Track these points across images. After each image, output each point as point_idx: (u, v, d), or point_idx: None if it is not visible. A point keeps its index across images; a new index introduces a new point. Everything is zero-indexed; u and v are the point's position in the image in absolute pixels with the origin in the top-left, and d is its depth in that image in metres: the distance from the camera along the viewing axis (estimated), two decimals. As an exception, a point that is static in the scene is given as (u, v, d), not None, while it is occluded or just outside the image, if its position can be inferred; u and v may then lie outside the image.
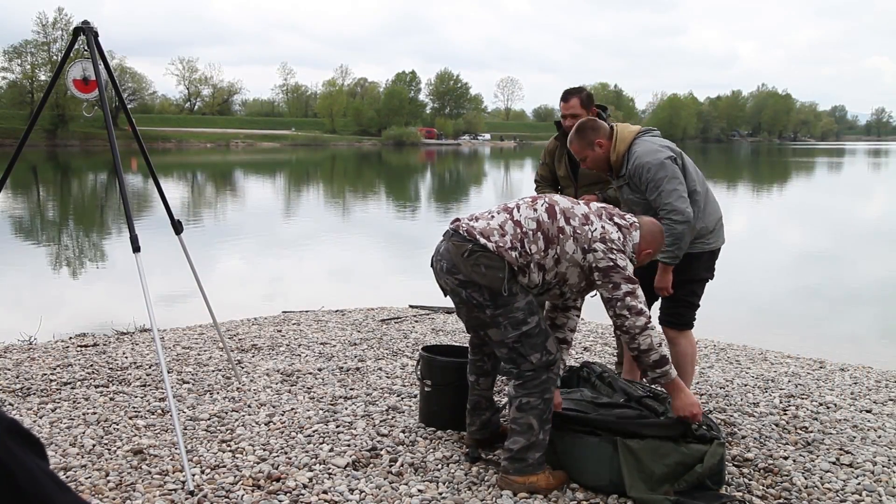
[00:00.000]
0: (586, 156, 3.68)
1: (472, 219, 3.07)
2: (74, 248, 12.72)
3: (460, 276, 2.96)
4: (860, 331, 7.37)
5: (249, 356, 5.09)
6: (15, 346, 5.45)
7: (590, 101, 4.16)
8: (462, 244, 2.96)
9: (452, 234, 3.02)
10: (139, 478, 3.10)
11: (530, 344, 2.98)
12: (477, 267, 2.91)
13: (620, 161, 3.64)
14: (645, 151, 3.56)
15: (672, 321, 3.83)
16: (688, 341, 3.84)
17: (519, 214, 3.01)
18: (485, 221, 3.01)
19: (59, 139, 59.81)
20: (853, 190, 28.95)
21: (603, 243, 2.96)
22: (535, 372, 2.99)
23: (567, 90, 4.18)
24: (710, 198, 3.78)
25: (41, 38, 66.97)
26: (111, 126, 3.56)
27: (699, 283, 3.81)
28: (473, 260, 2.92)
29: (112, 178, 27.36)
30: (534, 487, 3.00)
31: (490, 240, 2.93)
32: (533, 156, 60.82)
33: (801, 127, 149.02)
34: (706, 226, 3.71)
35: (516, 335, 2.97)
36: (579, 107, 4.11)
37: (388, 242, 13.36)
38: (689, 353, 3.84)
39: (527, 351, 2.98)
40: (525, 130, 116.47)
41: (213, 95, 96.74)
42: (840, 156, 68.61)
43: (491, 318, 2.98)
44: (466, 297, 2.97)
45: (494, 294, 2.93)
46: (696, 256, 3.73)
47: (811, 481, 3.18)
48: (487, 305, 2.95)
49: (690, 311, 3.83)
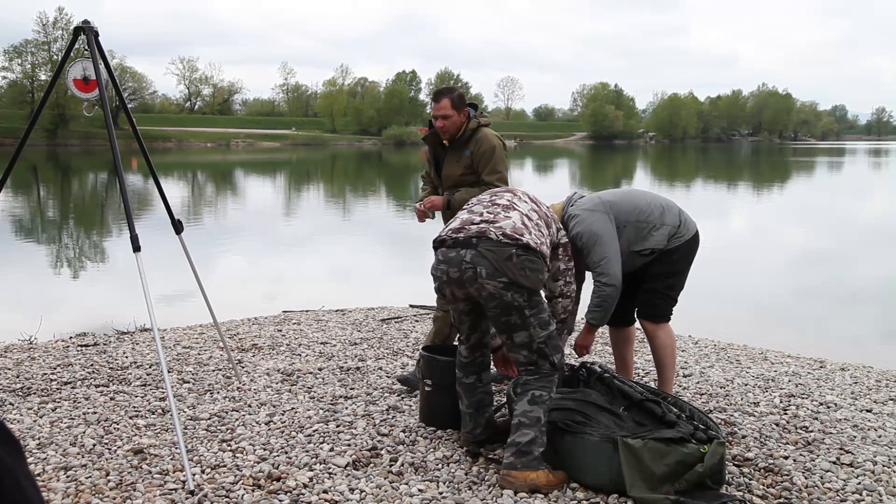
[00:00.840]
0: None
1: (488, 221, 3.11)
2: (75, 248, 12.73)
3: (504, 280, 2.99)
4: (861, 330, 7.37)
5: (250, 356, 5.09)
6: (15, 346, 5.45)
7: (461, 101, 4.05)
8: (503, 248, 3.01)
9: (480, 240, 3.04)
10: (139, 477, 3.10)
11: (553, 345, 3.11)
12: (522, 270, 3.00)
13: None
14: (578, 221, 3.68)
15: (649, 313, 3.86)
16: (666, 334, 3.88)
17: (521, 205, 3.22)
18: (506, 220, 3.08)
19: (59, 139, 59.82)
20: (853, 190, 28.94)
21: (554, 222, 3.35)
22: (553, 370, 3.11)
23: (438, 91, 4.14)
24: (662, 206, 3.83)
25: (41, 38, 67.03)
26: (111, 125, 3.56)
27: (677, 276, 3.84)
28: (520, 263, 3.00)
29: (112, 178, 27.37)
30: (535, 485, 3.00)
31: (524, 237, 3.05)
32: (534, 155, 60.81)
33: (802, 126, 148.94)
34: (671, 225, 3.77)
35: (545, 336, 3.08)
36: (450, 107, 4.00)
37: (389, 242, 13.36)
38: (669, 346, 3.87)
39: (550, 352, 3.10)
40: (525, 130, 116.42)
41: (214, 95, 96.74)
42: (840, 155, 68.58)
43: (524, 321, 3.04)
44: (511, 299, 3.00)
45: (531, 294, 3.05)
46: (674, 250, 3.78)
47: (811, 481, 3.18)
48: (525, 307, 3.03)
49: (667, 305, 3.86)
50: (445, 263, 3.12)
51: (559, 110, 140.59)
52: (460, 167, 4.11)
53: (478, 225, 3.10)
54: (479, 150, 4.06)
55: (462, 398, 3.41)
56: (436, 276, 3.20)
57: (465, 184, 4.13)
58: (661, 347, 3.86)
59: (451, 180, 4.18)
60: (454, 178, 4.15)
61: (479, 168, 4.09)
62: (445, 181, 4.21)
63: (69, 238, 13.96)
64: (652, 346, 3.92)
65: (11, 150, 3.92)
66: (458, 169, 4.12)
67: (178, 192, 22.70)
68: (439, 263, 3.16)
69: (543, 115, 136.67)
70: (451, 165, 4.15)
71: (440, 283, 3.18)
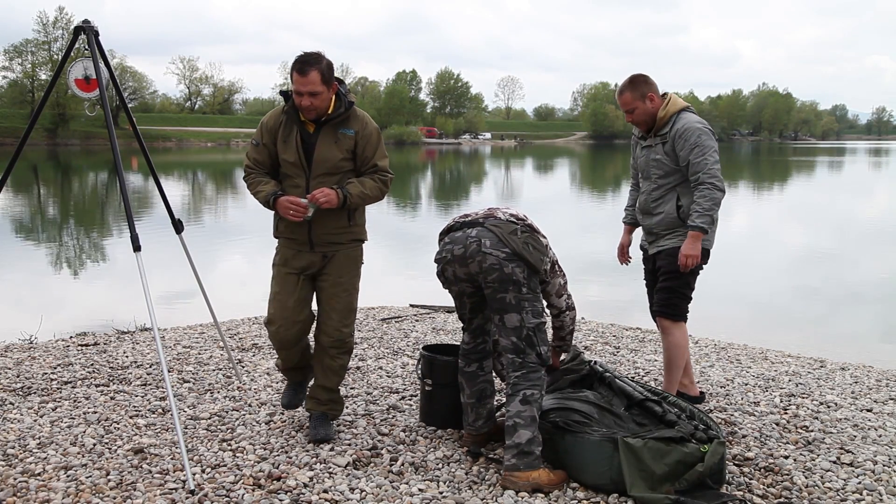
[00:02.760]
0: (636, 107, 3.78)
1: (495, 208, 3.32)
2: (75, 248, 12.73)
3: (507, 251, 3.09)
4: (861, 330, 7.37)
5: (250, 355, 5.09)
6: (16, 346, 5.45)
7: (330, 73, 3.32)
8: (509, 224, 3.18)
9: (487, 219, 3.21)
10: (140, 477, 3.10)
11: (541, 337, 3.14)
12: (526, 245, 3.12)
13: (665, 121, 3.76)
14: (697, 119, 3.75)
15: (668, 312, 3.86)
16: (681, 332, 3.87)
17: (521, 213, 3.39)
18: (513, 210, 3.32)
19: (59, 138, 59.86)
20: (854, 189, 28.94)
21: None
22: (538, 365, 3.12)
23: (301, 59, 3.27)
24: None
25: (42, 38, 67.09)
26: (112, 125, 3.57)
27: (693, 275, 3.85)
28: (524, 238, 3.14)
29: (112, 177, 27.38)
30: (537, 484, 3.00)
31: (529, 220, 3.28)
32: (534, 155, 60.83)
33: (802, 126, 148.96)
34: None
35: (536, 324, 3.12)
36: (320, 82, 3.25)
37: (389, 241, 13.35)
38: (683, 345, 3.87)
39: (538, 342, 3.13)
40: (526, 129, 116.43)
41: (214, 94, 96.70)
42: (841, 155, 68.59)
43: (518, 301, 3.10)
44: (510, 271, 3.08)
45: (531, 275, 3.13)
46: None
47: (812, 480, 3.18)
48: (523, 284, 3.10)
49: (685, 303, 3.87)
50: (451, 243, 3.23)
51: (559, 110, 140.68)
52: (341, 150, 3.38)
53: (485, 210, 3.31)
54: (366, 130, 3.41)
55: (464, 388, 3.43)
56: (439, 259, 3.29)
57: (341, 171, 3.41)
58: (676, 346, 3.85)
59: (326, 166, 3.38)
60: (332, 163, 3.38)
61: (365, 152, 3.41)
62: (317, 167, 3.38)
63: (69, 238, 13.96)
64: (665, 343, 3.91)
65: (12, 150, 3.92)
66: (339, 153, 3.38)
67: (178, 192, 22.70)
68: (444, 245, 3.27)
69: (544, 114, 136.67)
70: (327, 148, 3.36)
71: (443, 263, 3.26)
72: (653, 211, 3.87)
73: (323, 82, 3.26)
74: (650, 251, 3.97)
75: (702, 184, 3.62)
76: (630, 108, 3.78)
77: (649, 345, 5.65)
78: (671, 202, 3.79)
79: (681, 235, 3.77)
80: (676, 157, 3.73)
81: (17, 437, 3.50)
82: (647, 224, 3.93)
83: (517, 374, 3.11)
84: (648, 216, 3.91)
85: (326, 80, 3.28)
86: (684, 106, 3.80)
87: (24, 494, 2.93)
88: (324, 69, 3.26)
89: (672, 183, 3.79)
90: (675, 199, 3.78)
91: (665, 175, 3.79)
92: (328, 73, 3.29)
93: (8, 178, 3.85)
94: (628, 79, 3.81)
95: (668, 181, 3.79)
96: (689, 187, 3.75)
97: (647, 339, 5.87)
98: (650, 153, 3.85)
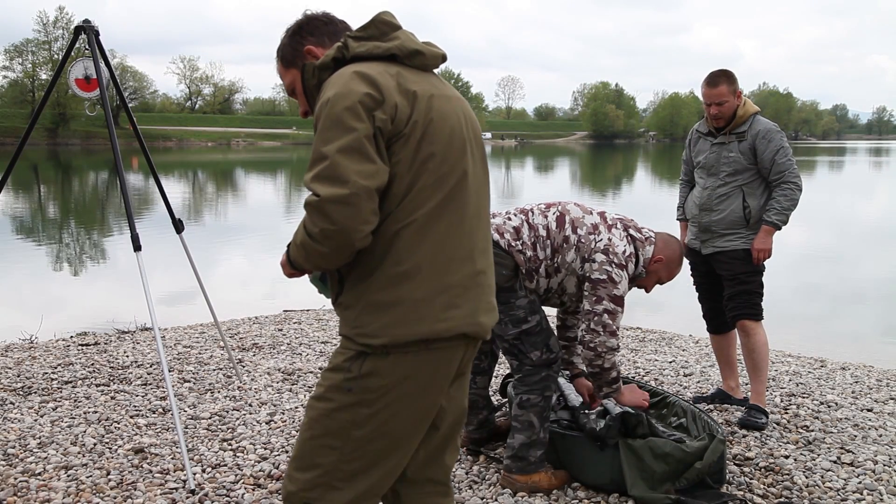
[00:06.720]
0: (727, 101, 3.82)
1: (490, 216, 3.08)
2: (75, 247, 12.73)
3: None
4: (861, 329, 7.36)
5: (250, 355, 5.09)
6: (16, 345, 5.46)
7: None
8: None
9: None
10: (140, 477, 3.10)
11: (531, 342, 3.02)
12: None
13: (744, 119, 3.83)
14: (773, 123, 3.85)
15: (750, 313, 3.84)
16: (763, 331, 3.88)
17: (533, 219, 3.06)
18: (501, 219, 3.06)
19: (60, 138, 59.92)
20: (854, 189, 28.94)
21: (604, 254, 2.96)
22: (535, 368, 3.03)
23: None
24: None
25: (42, 37, 67.25)
26: (112, 125, 3.56)
27: (761, 273, 3.90)
28: None
29: (113, 177, 27.38)
30: (536, 487, 3.00)
31: (503, 237, 2.99)
32: (534, 154, 60.81)
33: (803, 126, 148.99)
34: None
35: (516, 332, 3.01)
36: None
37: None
38: (766, 343, 3.87)
39: (527, 348, 3.02)
40: (526, 129, 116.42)
41: (214, 94, 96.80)
42: (841, 154, 68.57)
43: None
44: None
45: (497, 290, 2.92)
46: (749, 250, 3.84)
47: (812, 480, 3.18)
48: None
49: (761, 301, 3.89)
50: None
51: (560, 109, 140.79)
52: None
53: None
54: None
55: None
56: None
57: None
58: (762, 344, 3.84)
59: None
60: None
61: None
62: None
63: (70, 237, 13.96)
64: (750, 345, 3.84)
65: (12, 150, 3.92)
66: None
67: (178, 192, 22.69)
68: None
69: (544, 114, 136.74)
70: None
71: None
72: (714, 207, 3.86)
73: None
74: (703, 250, 3.93)
75: (785, 183, 3.74)
76: (721, 101, 3.81)
77: (649, 345, 5.65)
78: (737, 201, 3.80)
79: (742, 237, 3.80)
80: (753, 157, 3.78)
81: (17, 437, 3.51)
82: (706, 221, 3.89)
83: (516, 378, 3.10)
84: (708, 212, 3.88)
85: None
86: (758, 109, 3.90)
87: (24, 494, 2.93)
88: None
89: (740, 182, 3.81)
90: (741, 199, 3.80)
91: (735, 173, 3.81)
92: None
93: (8, 177, 3.85)
94: (722, 72, 3.85)
95: (736, 179, 3.81)
96: (755, 188, 3.81)
97: (647, 338, 5.87)
98: (722, 150, 3.86)
